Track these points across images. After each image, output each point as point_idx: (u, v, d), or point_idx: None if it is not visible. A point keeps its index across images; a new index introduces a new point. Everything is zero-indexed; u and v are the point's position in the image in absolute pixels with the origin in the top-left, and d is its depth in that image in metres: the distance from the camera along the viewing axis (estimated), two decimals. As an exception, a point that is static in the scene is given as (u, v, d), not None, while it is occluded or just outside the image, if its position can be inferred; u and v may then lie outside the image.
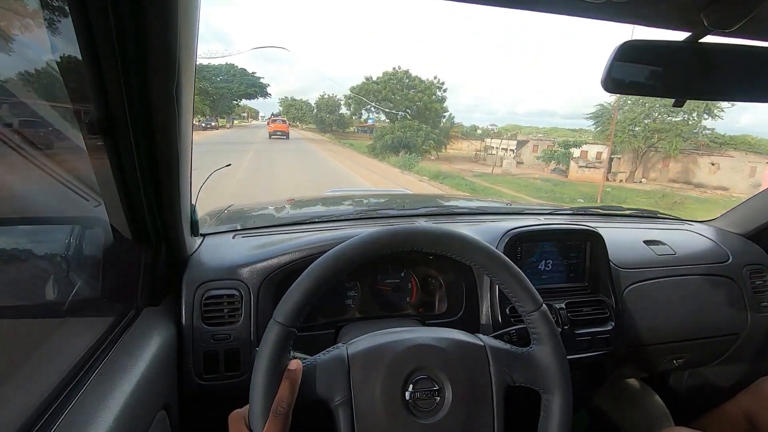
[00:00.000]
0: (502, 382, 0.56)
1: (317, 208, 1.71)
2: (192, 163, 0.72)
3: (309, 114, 49.70)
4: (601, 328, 0.98)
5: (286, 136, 27.27)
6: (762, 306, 1.18)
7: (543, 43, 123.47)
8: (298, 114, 51.97)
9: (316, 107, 40.20)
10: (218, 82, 36.45)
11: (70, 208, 0.75)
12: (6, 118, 0.66)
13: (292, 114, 51.25)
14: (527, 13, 0.60)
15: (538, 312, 0.58)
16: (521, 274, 0.59)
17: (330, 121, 37.99)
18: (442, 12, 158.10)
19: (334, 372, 0.53)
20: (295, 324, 0.52)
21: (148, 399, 0.63)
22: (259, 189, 7.90)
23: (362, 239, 0.55)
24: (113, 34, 0.44)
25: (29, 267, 0.69)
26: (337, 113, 37.84)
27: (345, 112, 35.71)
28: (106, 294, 0.77)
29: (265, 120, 56.86)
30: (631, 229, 1.29)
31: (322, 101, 38.66)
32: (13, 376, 0.55)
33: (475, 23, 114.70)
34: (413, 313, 1.01)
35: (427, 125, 23.13)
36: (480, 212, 1.31)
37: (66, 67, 0.45)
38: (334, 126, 37.99)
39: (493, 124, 32.56)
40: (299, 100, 54.41)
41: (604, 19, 0.61)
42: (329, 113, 38.13)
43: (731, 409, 1.10)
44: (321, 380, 0.53)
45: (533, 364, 0.58)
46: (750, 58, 0.63)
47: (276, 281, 0.88)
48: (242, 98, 38.64)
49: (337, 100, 36.63)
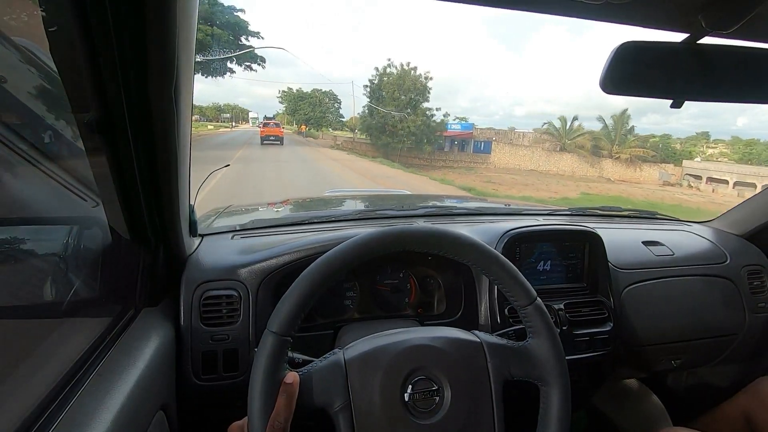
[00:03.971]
0: (500, 378, 0.57)
1: (316, 208, 1.71)
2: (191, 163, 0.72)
3: (332, 113, 39.17)
4: (600, 329, 0.98)
5: (280, 141, 23.60)
6: (759, 306, 1.18)
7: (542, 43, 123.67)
8: (313, 113, 38.41)
9: (373, 94, 23.28)
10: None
11: (69, 208, 0.75)
12: (5, 118, 0.65)
13: (304, 113, 38.46)
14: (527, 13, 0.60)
15: (532, 305, 0.58)
16: (514, 269, 0.59)
17: (411, 131, 21.56)
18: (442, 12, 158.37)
19: (331, 379, 0.53)
20: (289, 332, 0.51)
21: (147, 399, 0.63)
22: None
23: (353, 243, 0.55)
24: (112, 35, 0.44)
25: (27, 267, 0.69)
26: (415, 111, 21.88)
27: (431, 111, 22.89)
28: (104, 294, 0.76)
29: (256, 123, 47.64)
30: (630, 230, 1.29)
31: (388, 78, 22.56)
32: (12, 376, 0.54)
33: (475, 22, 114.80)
34: (412, 313, 1.01)
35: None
36: (479, 212, 1.31)
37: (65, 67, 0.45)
38: (408, 140, 22.01)
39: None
40: (315, 92, 38.99)
41: (602, 20, 0.61)
42: (403, 108, 21.85)
43: (729, 409, 1.11)
44: (319, 388, 0.53)
45: (530, 357, 0.58)
46: (748, 59, 0.63)
47: (275, 282, 0.88)
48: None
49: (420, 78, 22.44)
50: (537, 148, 24.50)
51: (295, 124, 43.43)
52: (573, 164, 23.85)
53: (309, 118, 39.55)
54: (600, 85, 0.62)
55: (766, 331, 1.20)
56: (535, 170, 23.36)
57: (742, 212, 1.34)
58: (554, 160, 24.02)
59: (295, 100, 41.65)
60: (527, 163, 23.97)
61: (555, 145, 24.38)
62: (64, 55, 0.43)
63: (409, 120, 21.95)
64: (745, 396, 1.08)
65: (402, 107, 22.27)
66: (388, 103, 22.56)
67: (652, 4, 0.55)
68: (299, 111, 40.45)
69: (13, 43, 0.66)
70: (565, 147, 24.01)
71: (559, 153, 24.03)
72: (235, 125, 58.08)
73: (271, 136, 23.52)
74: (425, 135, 22.69)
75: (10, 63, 0.66)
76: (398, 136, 22.34)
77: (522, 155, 24.29)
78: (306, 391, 0.52)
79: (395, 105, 22.37)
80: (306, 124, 39.94)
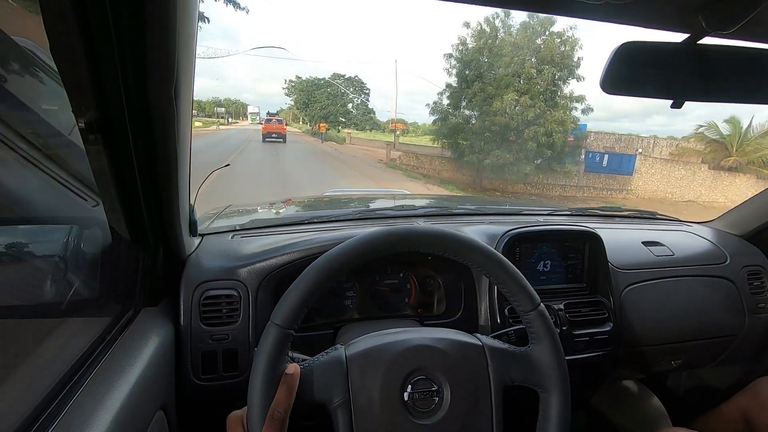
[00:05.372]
0: (500, 382, 0.57)
1: (316, 208, 1.71)
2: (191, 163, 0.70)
3: (358, 107, 29.61)
4: (600, 329, 0.98)
5: (282, 138, 22.72)
6: (759, 307, 1.18)
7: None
8: (334, 106, 29.57)
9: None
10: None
11: (69, 208, 0.75)
12: (5, 117, 0.65)
13: (321, 106, 29.33)
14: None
15: (535, 311, 0.58)
16: (518, 273, 0.59)
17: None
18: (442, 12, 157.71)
19: (332, 374, 0.53)
20: (292, 326, 0.52)
21: (146, 399, 0.63)
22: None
23: (359, 240, 0.55)
24: (112, 34, 0.44)
25: (27, 267, 0.69)
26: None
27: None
28: (104, 294, 0.76)
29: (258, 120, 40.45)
30: (630, 230, 1.29)
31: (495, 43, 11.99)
32: (11, 376, 0.55)
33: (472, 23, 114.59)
34: (412, 313, 1.01)
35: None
36: (479, 213, 1.31)
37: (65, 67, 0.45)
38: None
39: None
40: (336, 78, 30.22)
41: (602, 20, 0.61)
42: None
43: (729, 409, 1.11)
44: (319, 382, 0.53)
45: (531, 363, 0.58)
46: (748, 60, 0.63)
47: (275, 281, 0.88)
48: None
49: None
50: (691, 163, 14.05)
51: (308, 122, 34.58)
52: (750, 191, 7.15)
53: (328, 113, 30.36)
54: (600, 85, 0.62)
55: (765, 331, 1.20)
56: (695, 201, 13.54)
57: (742, 212, 1.34)
58: (724, 185, 13.46)
59: (308, 90, 32.57)
60: (685, 189, 13.83)
61: (719, 158, 13.60)
62: (64, 55, 0.43)
63: (546, 117, 11.47)
64: (744, 397, 1.08)
65: (533, 95, 11.51)
66: (497, 86, 11.96)
67: (653, 5, 0.55)
68: (314, 104, 31.64)
69: (13, 42, 0.66)
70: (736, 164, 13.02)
71: (730, 173, 13.41)
72: (233, 121, 48.02)
73: (273, 133, 22.66)
74: (560, 142, 11.83)
75: (11, 62, 0.66)
76: (520, 146, 11.85)
77: (679, 177, 13.85)
78: (306, 384, 0.52)
79: (516, 91, 11.65)
80: (326, 121, 29.31)
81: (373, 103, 33.09)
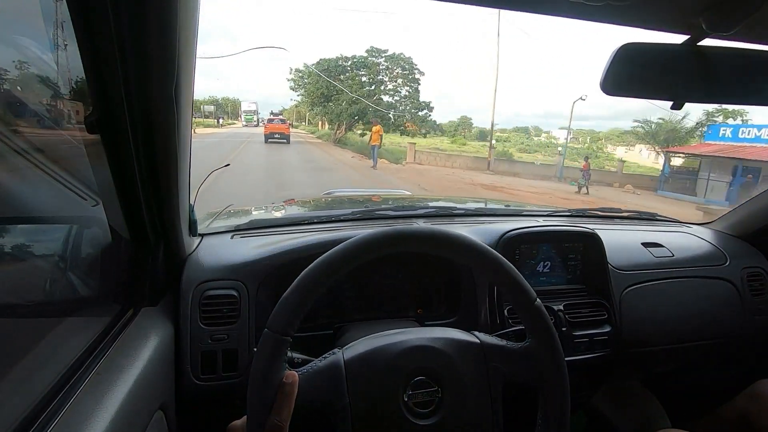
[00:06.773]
0: (499, 379, 0.57)
1: (316, 208, 1.71)
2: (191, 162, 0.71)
3: (417, 120, 19.46)
4: (599, 330, 0.98)
5: (286, 139, 20.86)
6: (759, 309, 1.18)
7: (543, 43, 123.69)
8: (372, 99, 19.14)
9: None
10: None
11: (69, 207, 0.75)
12: (5, 117, 0.65)
13: (351, 100, 19.82)
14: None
15: (532, 306, 0.58)
16: (514, 270, 0.58)
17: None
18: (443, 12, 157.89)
19: (330, 379, 0.53)
20: (289, 332, 0.51)
21: (146, 399, 0.63)
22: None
23: (354, 242, 0.55)
24: (113, 34, 0.44)
25: (26, 266, 0.69)
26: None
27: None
28: (103, 293, 0.76)
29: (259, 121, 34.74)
30: (629, 231, 1.29)
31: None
32: (9, 375, 0.54)
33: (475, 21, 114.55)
34: (411, 313, 1.01)
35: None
36: (478, 213, 1.31)
37: (65, 66, 0.45)
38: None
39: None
40: (372, 53, 20.20)
41: (602, 22, 0.61)
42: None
43: (728, 411, 1.11)
44: (318, 388, 0.52)
45: (529, 359, 0.58)
46: (748, 61, 0.63)
47: (274, 281, 0.88)
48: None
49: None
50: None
51: (329, 122, 25.21)
52: None
53: (364, 108, 19.57)
54: (600, 86, 0.62)
55: (765, 333, 1.19)
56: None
57: (742, 214, 1.34)
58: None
59: (331, 74, 21.39)
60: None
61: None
62: (64, 54, 0.43)
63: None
64: (744, 398, 1.08)
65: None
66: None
67: (653, 6, 0.55)
68: (339, 96, 20.78)
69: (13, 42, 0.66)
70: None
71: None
72: (225, 123, 38.50)
73: (276, 133, 20.65)
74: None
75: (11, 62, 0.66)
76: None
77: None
78: (305, 391, 0.52)
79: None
80: (362, 121, 20.27)
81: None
